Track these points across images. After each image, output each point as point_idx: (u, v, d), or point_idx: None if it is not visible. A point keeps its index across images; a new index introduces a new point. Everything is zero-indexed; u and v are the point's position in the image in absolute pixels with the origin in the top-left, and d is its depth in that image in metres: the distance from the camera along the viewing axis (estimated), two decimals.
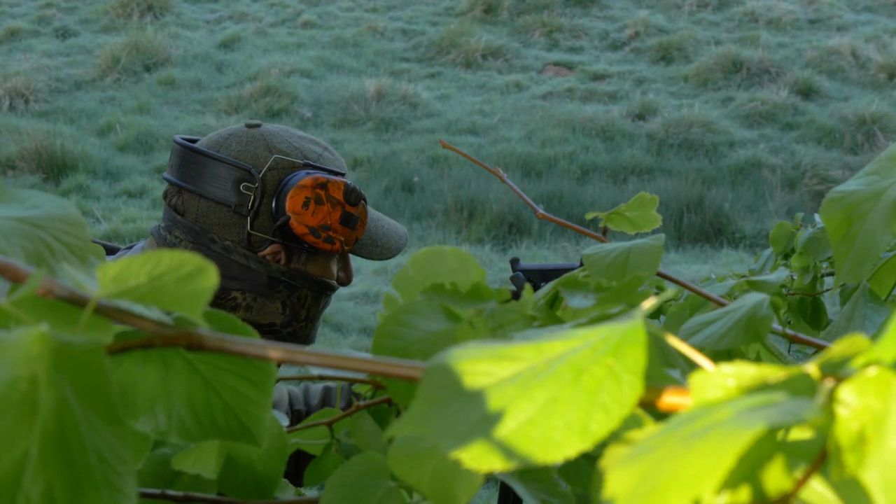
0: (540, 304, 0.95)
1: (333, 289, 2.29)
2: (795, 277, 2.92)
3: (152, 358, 0.71)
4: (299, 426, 0.91)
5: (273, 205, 2.18)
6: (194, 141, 2.30)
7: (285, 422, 0.90)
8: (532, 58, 16.13)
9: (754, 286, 0.97)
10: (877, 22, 17.01)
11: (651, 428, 0.59)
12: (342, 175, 2.24)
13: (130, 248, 2.33)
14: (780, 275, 0.95)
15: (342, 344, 8.47)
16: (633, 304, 0.80)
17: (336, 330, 8.85)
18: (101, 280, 0.60)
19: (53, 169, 12.24)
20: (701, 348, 0.86)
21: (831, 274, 2.95)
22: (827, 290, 2.91)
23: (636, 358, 0.53)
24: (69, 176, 12.15)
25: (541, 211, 1.03)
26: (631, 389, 0.53)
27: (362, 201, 2.20)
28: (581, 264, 2.37)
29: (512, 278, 2.36)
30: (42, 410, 0.53)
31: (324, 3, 17.88)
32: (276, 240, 2.19)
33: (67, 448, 0.53)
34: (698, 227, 11.45)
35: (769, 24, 16.92)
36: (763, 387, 0.49)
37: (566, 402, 0.53)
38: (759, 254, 3.30)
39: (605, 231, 1.03)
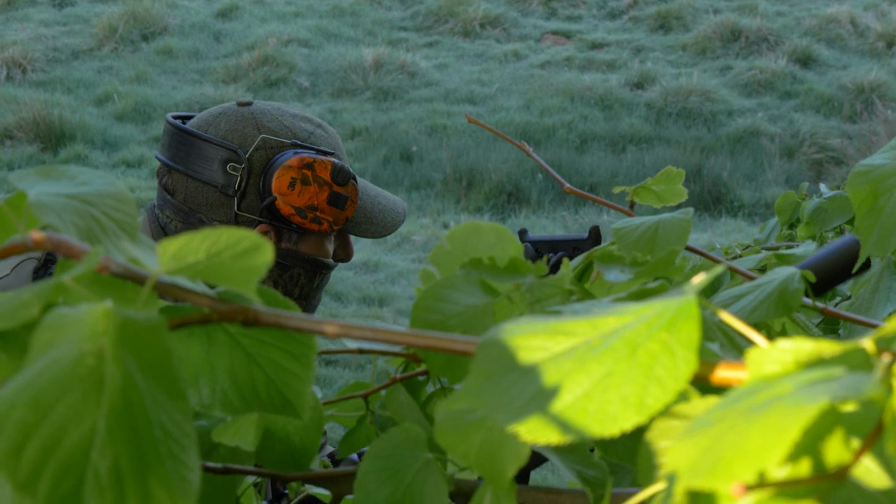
0: (563, 261, 0.96)
1: (329, 267, 2.27)
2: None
3: (196, 332, 0.73)
4: (334, 398, 0.92)
5: (260, 185, 2.16)
6: (187, 119, 2.28)
7: (319, 393, 0.91)
8: (530, 27, 16.09)
9: (783, 259, 0.98)
10: None
11: (699, 401, 0.60)
12: (332, 154, 2.22)
13: None
14: (807, 247, 0.96)
15: (343, 314, 8.48)
16: (669, 278, 0.81)
17: (336, 299, 8.86)
18: (161, 257, 0.61)
19: (51, 139, 12.23)
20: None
21: None
22: None
23: (690, 333, 0.55)
24: (67, 146, 12.14)
25: (567, 185, 1.04)
26: (686, 364, 0.54)
27: (352, 181, 2.17)
28: (588, 235, 2.38)
29: None
30: (108, 385, 0.54)
31: None
32: (264, 220, 2.17)
33: (133, 422, 0.54)
34: (697, 196, 11.45)
35: None
36: (819, 362, 0.50)
37: (622, 377, 0.54)
38: (763, 224, 3.31)
39: (632, 205, 1.04)
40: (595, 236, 2.42)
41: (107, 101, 13.34)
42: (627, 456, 0.78)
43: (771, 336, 1.04)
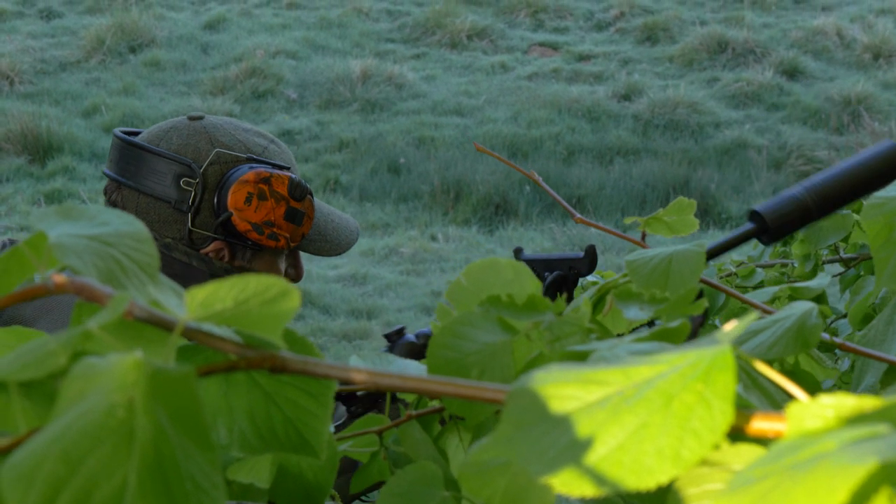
0: (583, 300, 0.95)
1: None
2: (796, 265, 2.94)
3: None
4: (348, 433, 0.92)
5: (215, 201, 2.11)
6: (136, 134, 2.22)
7: (331, 427, 0.91)
8: (517, 38, 16.12)
9: (796, 292, 0.98)
10: (862, 2, 17.01)
11: (729, 448, 0.59)
12: (287, 169, 2.17)
13: None
14: (821, 280, 0.96)
15: (330, 327, 8.47)
16: (689, 316, 0.81)
17: (324, 312, 8.85)
18: (189, 305, 0.61)
19: (39, 150, 12.21)
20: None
21: (832, 261, 2.97)
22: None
23: (726, 384, 0.54)
24: (55, 158, 12.12)
25: (578, 216, 1.03)
26: (722, 416, 0.53)
27: (308, 196, 2.13)
28: (585, 254, 2.38)
29: None
30: (139, 437, 0.53)
31: None
32: (218, 237, 2.12)
33: (165, 475, 0.54)
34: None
35: (754, 5, 16.91)
36: (862, 417, 0.50)
37: (657, 428, 0.54)
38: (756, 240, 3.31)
39: (644, 236, 1.03)
40: (592, 255, 2.41)
41: (94, 113, 13.32)
42: (654, 502, 0.77)
43: (784, 367, 1.04)
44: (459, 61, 15.40)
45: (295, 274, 2.28)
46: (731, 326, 0.59)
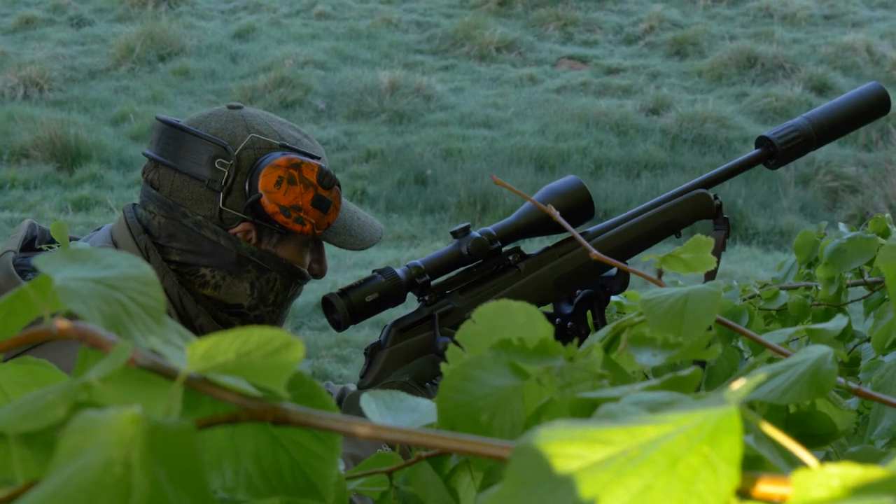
0: (595, 346, 0.94)
1: (304, 277, 2.30)
2: (820, 287, 2.92)
3: (220, 412, 0.71)
4: (357, 472, 0.91)
5: (246, 183, 2.18)
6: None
7: (342, 465, 0.90)
8: (546, 51, 16.11)
9: (813, 335, 0.97)
10: (892, 18, 16.96)
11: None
12: (318, 158, 2.24)
13: (96, 232, 2.33)
14: (838, 322, 0.94)
15: (355, 339, 8.46)
16: (702, 362, 0.80)
17: None
18: (191, 357, 0.60)
19: (67, 158, 12.25)
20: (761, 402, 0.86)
21: (856, 285, 2.95)
22: (852, 300, 2.91)
23: (732, 447, 0.53)
24: (83, 165, 12.15)
25: (594, 252, 1.03)
26: (727, 480, 0.53)
27: (336, 186, 2.20)
28: (617, 273, 2.38)
29: None
30: (136, 495, 0.53)
31: None
32: (247, 218, 2.20)
33: None
34: (711, 224, 11.40)
35: (784, 20, 16.88)
36: (867, 487, 0.49)
37: (661, 491, 0.53)
38: (781, 262, 3.29)
39: (660, 274, 1.02)
40: (624, 274, 2.42)
41: (123, 121, 13.36)
42: None
43: (800, 409, 1.03)
44: (488, 73, 15.40)
45: (318, 269, 2.35)
46: (738, 385, 0.58)
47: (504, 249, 2.30)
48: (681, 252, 1.03)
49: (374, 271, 2.18)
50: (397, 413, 0.89)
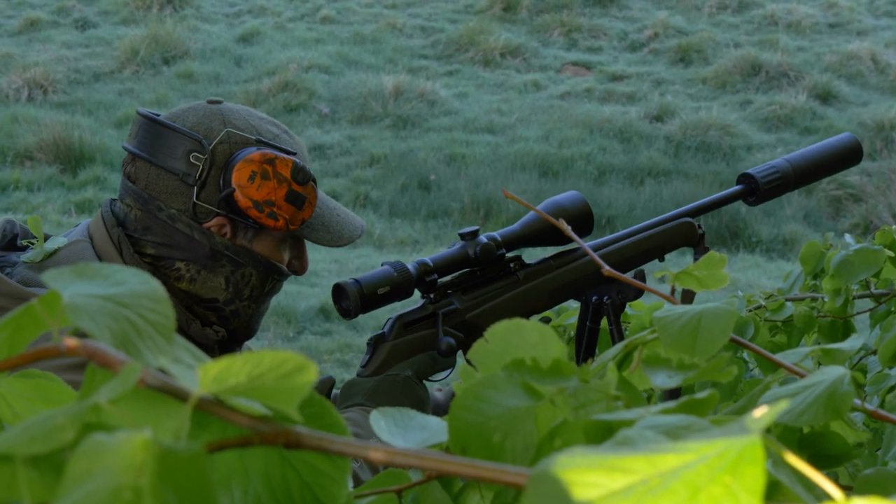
0: (609, 366, 0.93)
1: (282, 273, 2.30)
2: (826, 299, 2.91)
3: (230, 434, 0.70)
4: (366, 491, 0.90)
5: (221, 177, 2.19)
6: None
7: (351, 485, 0.89)
8: (551, 57, 16.10)
9: (828, 354, 0.96)
10: None
11: None
12: (294, 154, 2.24)
13: (75, 228, 2.34)
14: (854, 343, 0.93)
15: (358, 343, 8.45)
16: (717, 384, 0.79)
17: (351, 328, 8.83)
18: (203, 379, 0.59)
19: (71, 160, 12.24)
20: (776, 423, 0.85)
21: (862, 297, 2.94)
22: (858, 313, 2.89)
23: (755, 478, 0.52)
24: (87, 168, 12.15)
25: (607, 268, 1.02)
26: None
27: (311, 182, 2.20)
28: (634, 276, 2.41)
29: None
30: None
31: None
32: (221, 212, 2.20)
33: None
34: (714, 231, 11.40)
35: (789, 28, 16.86)
36: None
37: None
38: (787, 273, 3.28)
39: (673, 291, 1.01)
40: (641, 278, 2.45)
41: (127, 123, 13.32)
42: None
43: (813, 429, 1.02)
44: (492, 79, 15.39)
45: (299, 266, 2.36)
46: (760, 412, 0.57)
47: (507, 256, 2.35)
48: (694, 269, 1.02)
49: (384, 263, 2.20)
50: (406, 431, 0.88)
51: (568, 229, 1.04)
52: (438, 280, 2.28)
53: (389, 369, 2.22)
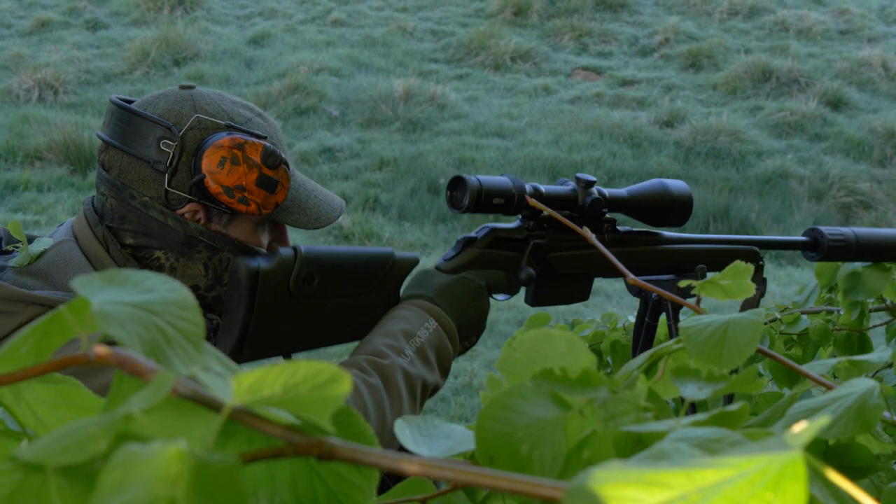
0: (635, 375, 0.92)
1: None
2: (842, 312, 2.90)
3: (257, 441, 0.70)
4: (390, 500, 0.89)
5: (192, 164, 2.19)
6: (130, 102, 2.32)
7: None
8: (561, 62, 16.10)
9: (855, 366, 0.95)
10: None
11: None
12: (264, 138, 2.24)
13: (60, 227, 2.34)
14: (882, 354, 0.93)
15: None
16: (748, 396, 0.78)
17: None
18: (237, 389, 0.58)
19: (81, 161, 12.26)
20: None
21: (878, 310, 2.93)
22: (874, 326, 2.88)
23: (797, 495, 0.51)
24: (96, 168, 12.14)
25: (631, 276, 1.01)
26: None
27: (283, 165, 2.20)
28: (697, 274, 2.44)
29: None
30: None
31: (354, 2, 17.88)
32: (193, 198, 2.20)
33: None
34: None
35: (799, 34, 16.85)
36: None
37: None
38: (802, 286, 3.27)
39: (699, 301, 1.01)
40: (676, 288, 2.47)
41: None
42: None
43: (839, 441, 1.01)
44: (502, 83, 15.39)
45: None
46: (800, 428, 0.56)
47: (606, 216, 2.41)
48: (720, 278, 1.01)
49: (504, 175, 2.23)
50: (431, 440, 0.87)
51: (592, 238, 1.03)
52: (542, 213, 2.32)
53: (467, 272, 2.27)
